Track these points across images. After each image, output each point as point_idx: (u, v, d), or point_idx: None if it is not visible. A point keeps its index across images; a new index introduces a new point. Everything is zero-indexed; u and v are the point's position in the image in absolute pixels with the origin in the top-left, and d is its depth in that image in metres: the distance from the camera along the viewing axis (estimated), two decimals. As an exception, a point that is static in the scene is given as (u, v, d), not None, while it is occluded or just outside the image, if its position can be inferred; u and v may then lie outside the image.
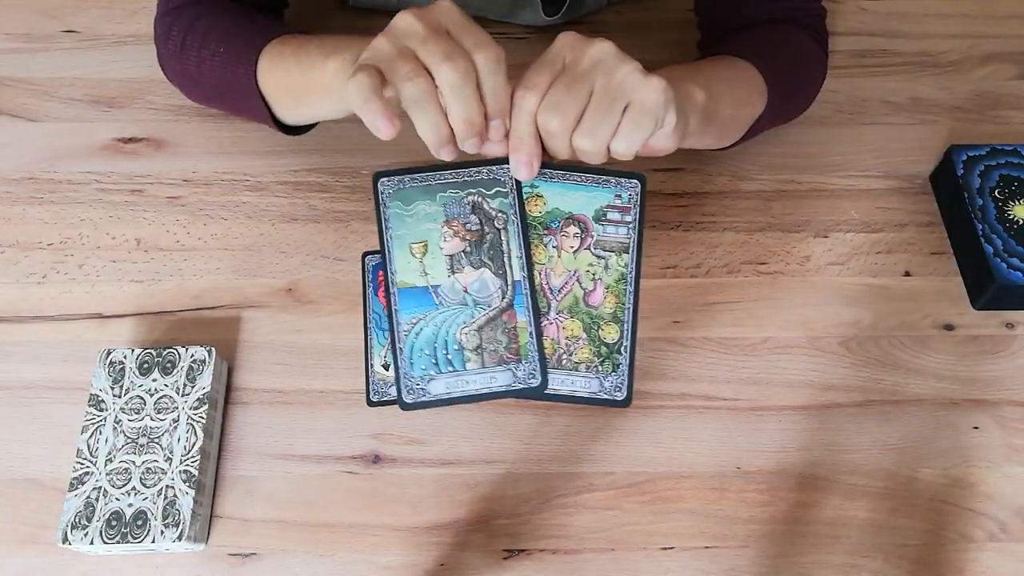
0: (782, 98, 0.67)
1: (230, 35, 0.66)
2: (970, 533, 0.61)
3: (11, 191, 0.73)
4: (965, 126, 0.79)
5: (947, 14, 0.86)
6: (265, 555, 0.59)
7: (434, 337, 0.48)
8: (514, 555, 0.60)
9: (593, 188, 0.50)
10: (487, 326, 0.48)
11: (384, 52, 0.47)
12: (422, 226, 0.49)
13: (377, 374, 0.59)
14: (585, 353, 0.48)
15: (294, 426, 0.63)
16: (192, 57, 0.67)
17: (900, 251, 0.72)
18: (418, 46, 0.47)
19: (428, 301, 0.48)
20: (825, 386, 0.66)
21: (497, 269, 0.49)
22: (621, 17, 0.84)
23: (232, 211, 0.72)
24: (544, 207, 0.50)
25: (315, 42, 0.60)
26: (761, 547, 0.60)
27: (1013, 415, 0.65)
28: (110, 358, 0.62)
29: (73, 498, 0.57)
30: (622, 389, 0.48)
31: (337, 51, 0.56)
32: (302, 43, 0.61)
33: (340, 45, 0.57)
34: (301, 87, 0.61)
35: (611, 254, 0.49)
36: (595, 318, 0.49)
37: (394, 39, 0.48)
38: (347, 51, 0.55)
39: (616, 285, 0.49)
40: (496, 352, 0.48)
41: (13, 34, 0.81)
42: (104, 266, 0.69)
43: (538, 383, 0.47)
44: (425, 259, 0.49)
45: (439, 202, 0.49)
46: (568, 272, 0.49)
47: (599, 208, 0.50)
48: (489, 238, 0.49)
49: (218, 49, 0.66)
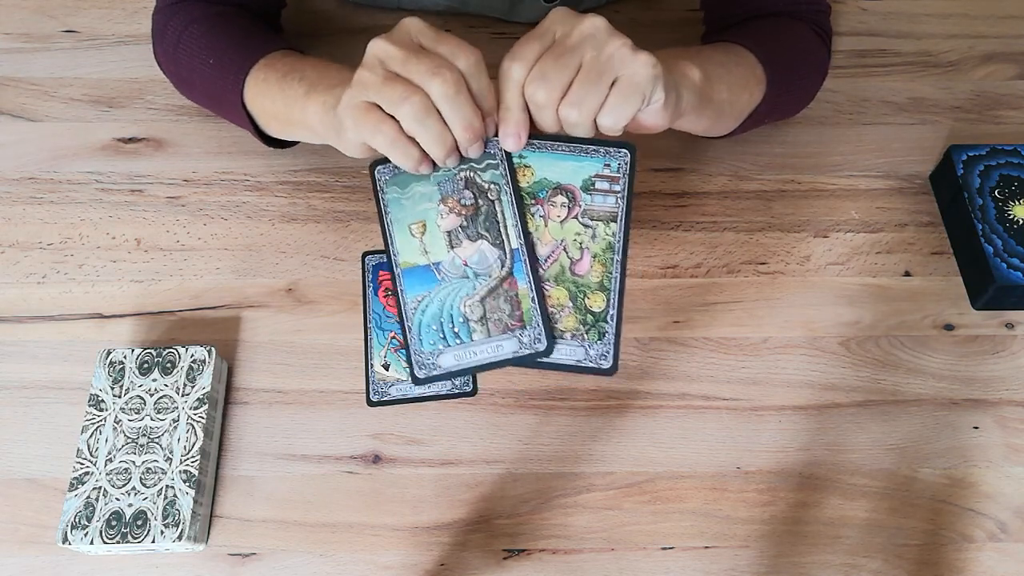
0: (781, 89, 0.67)
1: (221, 47, 0.66)
2: (970, 533, 0.61)
3: (11, 191, 0.73)
4: (965, 126, 0.79)
5: (947, 14, 0.86)
6: (265, 555, 0.59)
7: (439, 312, 0.49)
8: (514, 555, 0.60)
9: (582, 158, 0.50)
10: (489, 296, 0.49)
11: (371, 83, 0.48)
12: (419, 207, 0.50)
13: (377, 374, 0.60)
14: (571, 322, 0.49)
15: (294, 426, 0.63)
16: (184, 61, 0.67)
17: (900, 251, 0.72)
18: (401, 68, 0.48)
19: (431, 278, 0.49)
20: (825, 386, 0.66)
21: (494, 239, 0.49)
22: (621, 17, 0.84)
23: (232, 211, 0.72)
24: (532, 177, 0.50)
25: (298, 72, 0.59)
26: (761, 547, 0.60)
27: (1013, 415, 0.65)
28: (110, 358, 0.62)
29: (73, 498, 0.57)
30: (608, 357, 0.48)
31: (317, 88, 0.56)
32: (287, 71, 0.60)
33: (322, 79, 0.57)
34: (285, 118, 0.61)
35: (599, 223, 0.49)
36: (581, 287, 0.49)
37: (376, 67, 0.48)
38: (328, 90, 0.55)
39: (603, 254, 0.49)
40: (501, 321, 0.49)
41: (13, 34, 0.81)
42: (104, 266, 0.69)
43: (544, 347, 0.48)
44: (424, 238, 0.50)
45: (433, 182, 0.50)
46: (555, 241, 0.49)
47: (588, 177, 0.50)
48: (484, 210, 0.50)
49: (208, 60, 0.66)
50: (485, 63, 0.49)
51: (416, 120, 0.47)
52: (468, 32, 0.82)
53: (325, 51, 0.80)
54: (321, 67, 0.59)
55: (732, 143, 0.74)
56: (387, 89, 0.47)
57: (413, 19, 0.49)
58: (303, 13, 0.83)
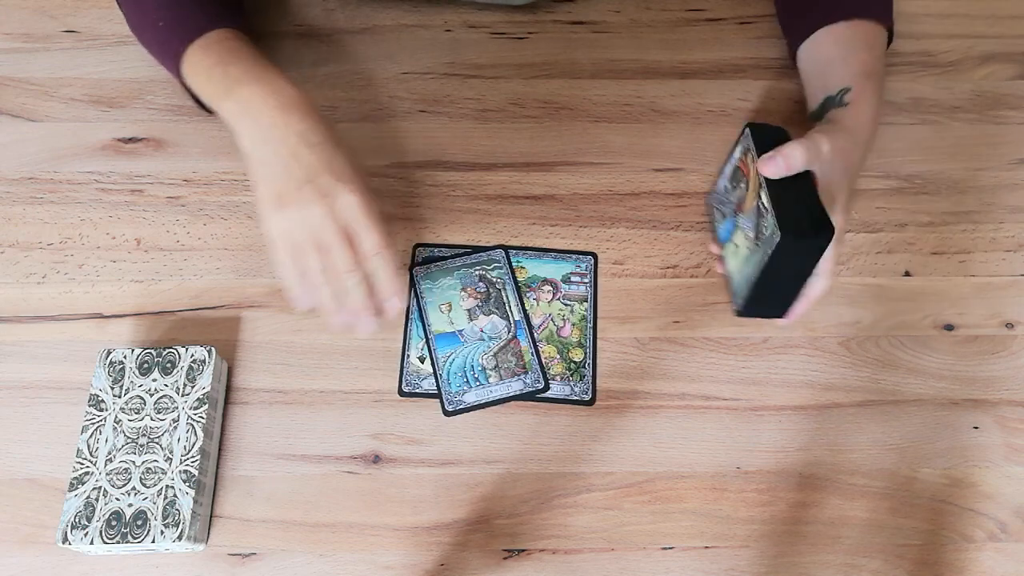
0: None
1: (173, 7, 0.67)
2: (970, 533, 0.61)
3: (11, 191, 0.73)
4: (965, 126, 0.79)
5: (947, 14, 0.86)
6: (265, 555, 0.59)
7: (463, 364, 0.66)
8: (514, 555, 0.60)
9: (560, 261, 0.71)
10: (500, 352, 0.66)
11: (289, 270, 0.59)
12: (446, 293, 0.69)
13: (411, 365, 0.65)
14: (559, 368, 0.66)
15: (294, 426, 0.63)
16: (134, 9, 0.70)
17: (900, 251, 0.72)
18: (317, 260, 0.58)
19: (456, 340, 0.67)
20: (825, 386, 0.66)
21: (502, 315, 0.68)
22: (621, 17, 0.84)
23: (232, 211, 0.72)
24: (527, 274, 0.70)
25: (223, 66, 0.63)
26: (761, 547, 0.60)
27: (1013, 415, 0.65)
28: (110, 358, 0.62)
29: (73, 498, 0.57)
30: (588, 392, 0.65)
31: (235, 89, 0.61)
32: (217, 60, 0.64)
33: (242, 79, 0.61)
34: (211, 105, 0.65)
35: (574, 303, 0.69)
36: (565, 345, 0.67)
37: (296, 258, 0.58)
38: (244, 92, 0.61)
39: (579, 323, 0.68)
40: (509, 368, 0.66)
41: (13, 34, 0.81)
42: (104, 266, 0.69)
43: (542, 385, 0.66)
44: (451, 313, 0.68)
45: (456, 277, 0.69)
46: (545, 315, 0.68)
47: (565, 273, 0.70)
48: (493, 295, 0.69)
49: (157, 21, 0.67)
50: None
51: (330, 301, 0.59)
52: (468, 32, 0.82)
53: (325, 51, 0.80)
54: (245, 62, 0.63)
55: (731, 143, 0.75)
56: (308, 276, 0.59)
57: (344, 201, 0.58)
58: (304, 13, 0.83)
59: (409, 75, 0.79)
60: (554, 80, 0.79)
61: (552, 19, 0.83)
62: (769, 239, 0.57)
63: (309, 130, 0.59)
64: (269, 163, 0.59)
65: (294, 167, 0.58)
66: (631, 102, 0.78)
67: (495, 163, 0.75)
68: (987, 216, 0.74)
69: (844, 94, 0.67)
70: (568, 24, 0.83)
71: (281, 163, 0.59)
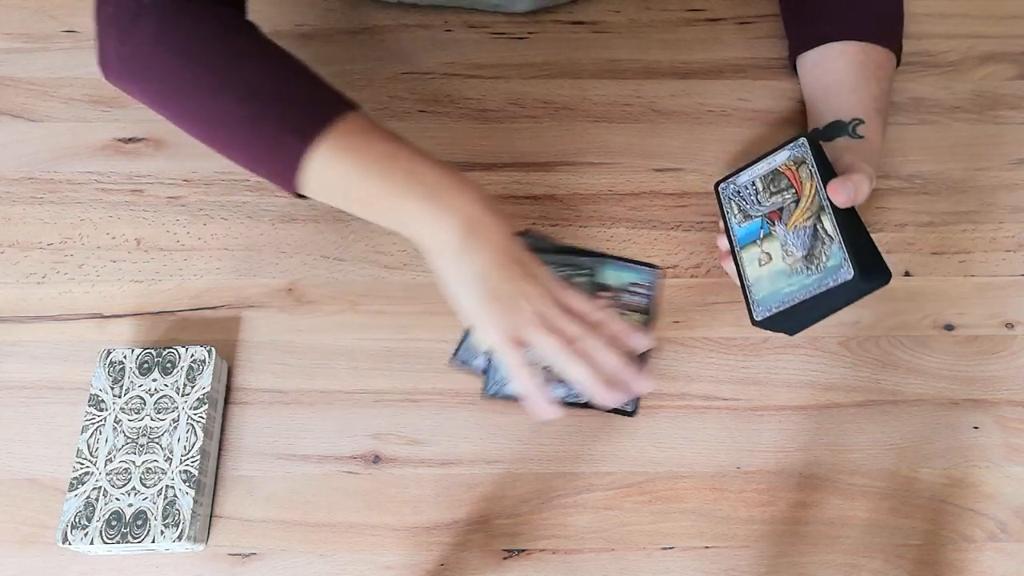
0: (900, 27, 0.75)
1: (255, 80, 0.55)
2: (970, 533, 0.61)
3: (11, 191, 0.73)
4: (965, 126, 0.79)
5: (947, 14, 0.86)
6: (265, 555, 0.59)
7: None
8: (514, 555, 0.60)
9: (623, 270, 0.69)
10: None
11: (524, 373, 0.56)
12: None
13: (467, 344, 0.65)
14: None
15: (294, 426, 0.63)
16: (168, 76, 0.55)
17: (900, 251, 0.72)
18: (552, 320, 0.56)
19: None
20: (825, 386, 0.66)
21: None
22: (621, 17, 0.84)
23: (232, 211, 0.72)
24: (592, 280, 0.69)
25: (399, 159, 0.54)
26: (761, 547, 0.60)
27: (1013, 415, 0.65)
28: (110, 358, 0.62)
29: (73, 498, 0.57)
30: (632, 403, 0.64)
31: (435, 193, 0.54)
32: (387, 152, 0.54)
33: (429, 176, 0.54)
34: (369, 201, 0.55)
35: (632, 313, 0.68)
36: None
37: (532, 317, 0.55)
38: (443, 197, 0.54)
39: None
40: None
41: (13, 34, 0.81)
42: (104, 266, 0.69)
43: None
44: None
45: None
46: None
47: (626, 283, 0.69)
48: None
49: (235, 95, 0.54)
50: None
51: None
52: (468, 32, 0.82)
53: (324, 50, 0.80)
54: (424, 161, 0.55)
55: (731, 143, 0.75)
56: (537, 339, 0.55)
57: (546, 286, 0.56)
58: (304, 13, 0.83)
59: (409, 75, 0.79)
60: (554, 80, 0.79)
61: (552, 19, 0.83)
62: (833, 271, 0.56)
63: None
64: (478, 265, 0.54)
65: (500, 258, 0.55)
66: (631, 102, 0.78)
67: (495, 163, 0.75)
68: (987, 216, 0.74)
69: (857, 125, 0.66)
70: (568, 24, 0.83)
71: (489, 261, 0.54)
